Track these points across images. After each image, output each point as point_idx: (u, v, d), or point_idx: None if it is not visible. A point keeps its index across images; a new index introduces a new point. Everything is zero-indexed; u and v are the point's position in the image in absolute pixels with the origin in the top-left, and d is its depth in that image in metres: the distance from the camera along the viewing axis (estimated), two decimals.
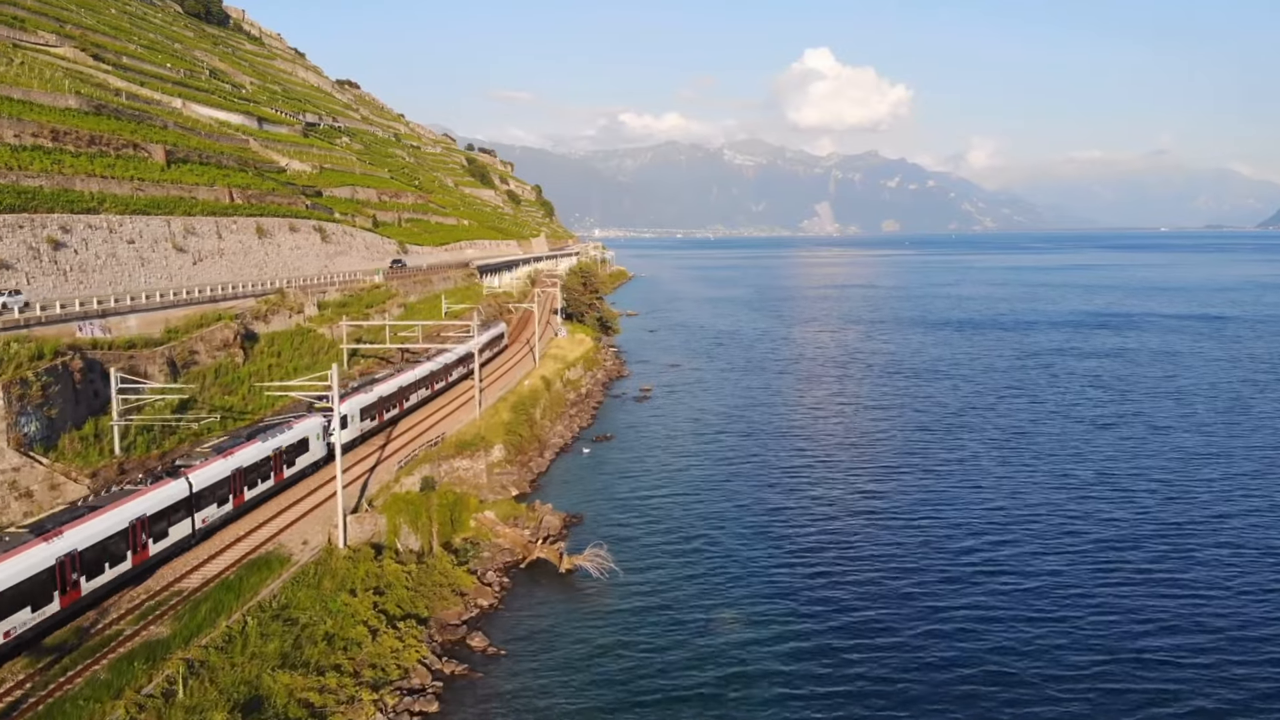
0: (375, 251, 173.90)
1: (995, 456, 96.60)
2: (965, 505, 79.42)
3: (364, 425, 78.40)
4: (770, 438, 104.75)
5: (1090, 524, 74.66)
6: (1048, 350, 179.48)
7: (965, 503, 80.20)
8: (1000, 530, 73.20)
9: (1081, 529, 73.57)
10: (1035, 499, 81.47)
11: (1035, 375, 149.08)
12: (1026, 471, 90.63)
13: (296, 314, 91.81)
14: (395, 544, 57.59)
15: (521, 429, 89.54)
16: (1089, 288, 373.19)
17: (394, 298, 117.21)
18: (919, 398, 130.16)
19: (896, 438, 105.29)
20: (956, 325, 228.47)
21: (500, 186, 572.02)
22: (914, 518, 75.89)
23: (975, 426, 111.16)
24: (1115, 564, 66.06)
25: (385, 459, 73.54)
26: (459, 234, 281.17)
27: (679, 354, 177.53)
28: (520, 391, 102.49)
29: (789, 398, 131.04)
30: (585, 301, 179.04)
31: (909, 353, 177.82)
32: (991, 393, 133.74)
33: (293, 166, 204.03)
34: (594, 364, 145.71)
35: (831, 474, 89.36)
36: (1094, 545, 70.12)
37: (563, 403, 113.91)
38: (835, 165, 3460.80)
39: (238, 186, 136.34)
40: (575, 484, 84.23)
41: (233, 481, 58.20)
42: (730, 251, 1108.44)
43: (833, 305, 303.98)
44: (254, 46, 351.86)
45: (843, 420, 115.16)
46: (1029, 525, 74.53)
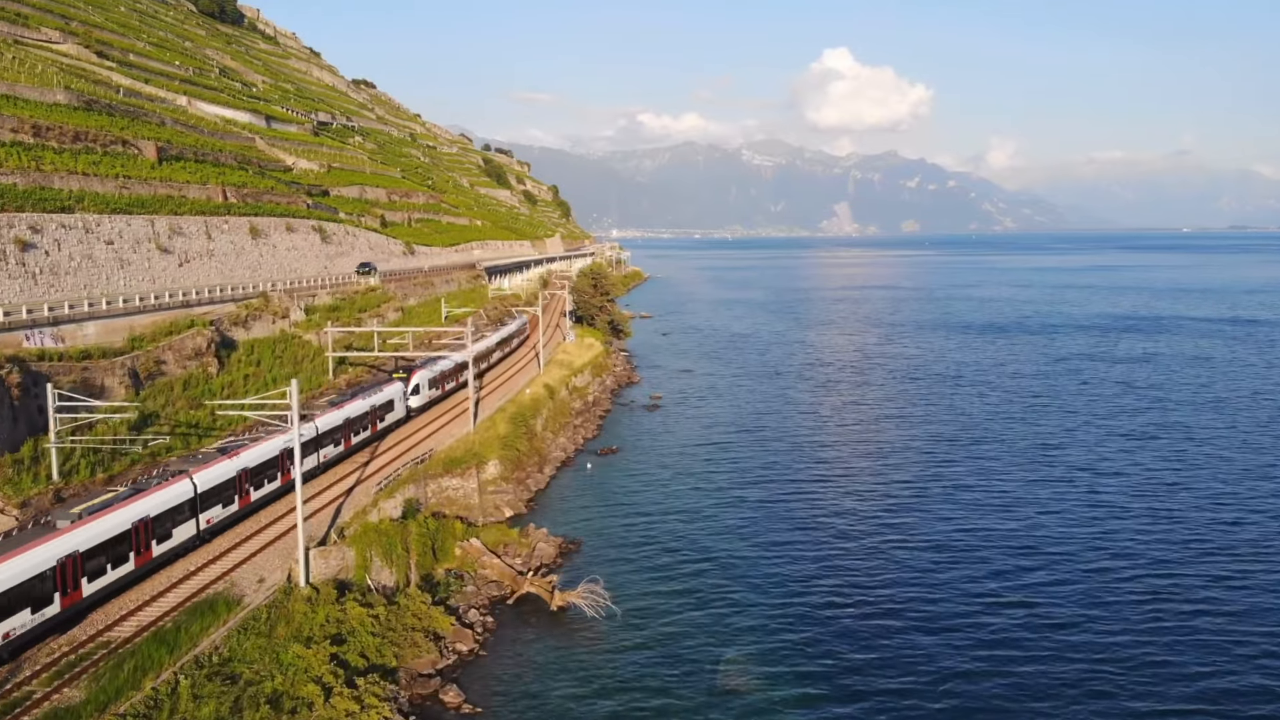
0: (380, 252, 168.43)
1: (1026, 473, 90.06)
2: (997, 530, 72.96)
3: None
4: (785, 452, 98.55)
5: (1131, 547, 68.22)
6: (1076, 355, 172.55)
7: (997, 527, 73.74)
8: (1033, 557, 66.82)
9: (1122, 553, 67.17)
10: (1071, 522, 74.97)
11: (1064, 382, 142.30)
12: (1061, 490, 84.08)
13: (281, 319, 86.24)
14: (365, 580, 51.63)
15: (520, 443, 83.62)
16: (1114, 289, 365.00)
17: (390, 301, 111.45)
18: (943, 406, 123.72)
19: (920, 452, 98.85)
20: (980, 329, 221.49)
21: (516, 187, 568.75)
22: (941, 544, 69.50)
23: (1004, 439, 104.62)
24: (1159, 593, 59.69)
25: (366, 479, 67.65)
26: (470, 234, 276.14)
27: (692, 358, 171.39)
28: (521, 401, 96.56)
29: (805, 406, 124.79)
30: (595, 304, 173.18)
31: (931, 358, 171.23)
32: (1019, 402, 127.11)
33: (300, 165, 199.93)
34: (603, 369, 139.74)
35: (851, 493, 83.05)
36: (1135, 570, 63.87)
37: (567, 412, 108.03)
38: (854, 165, 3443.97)
39: (233, 185, 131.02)
40: (575, 504, 78.22)
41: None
42: (748, 252, 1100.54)
43: (851, 307, 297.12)
44: (268, 46, 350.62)
45: (862, 432, 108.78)
46: (1065, 551, 68.09)
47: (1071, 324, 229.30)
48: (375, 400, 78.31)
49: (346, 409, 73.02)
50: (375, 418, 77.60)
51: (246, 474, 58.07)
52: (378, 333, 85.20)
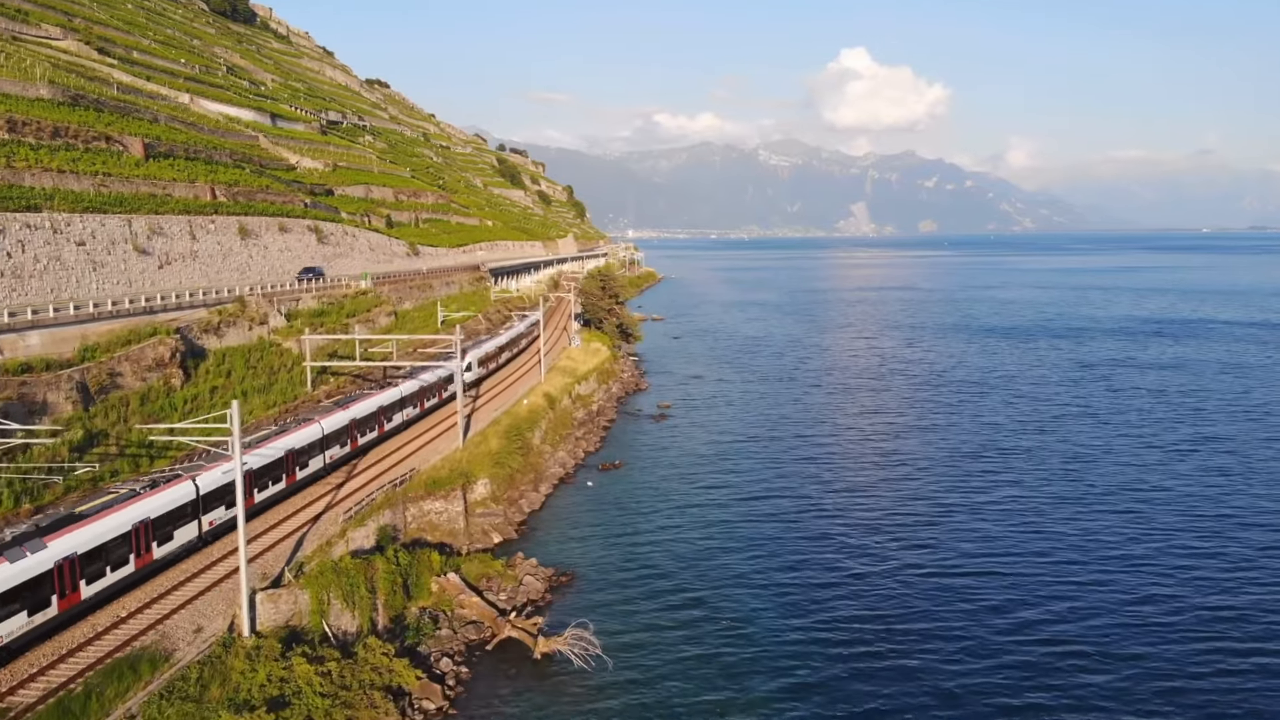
0: (381, 253, 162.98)
1: (1058, 491, 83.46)
2: (1032, 560, 66.39)
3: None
4: (799, 469, 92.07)
5: (1178, 573, 61.73)
6: (1104, 361, 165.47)
7: (1031, 556, 67.18)
8: (1072, 591, 60.39)
9: (1167, 580, 60.69)
10: (1110, 546, 68.45)
11: (1094, 391, 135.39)
12: (1097, 514, 77.39)
13: (258, 325, 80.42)
14: (321, 626, 45.66)
15: (513, 459, 77.56)
16: (1138, 291, 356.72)
17: (382, 305, 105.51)
18: (967, 416, 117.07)
19: (944, 468, 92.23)
20: (1003, 332, 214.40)
21: (531, 187, 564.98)
22: (971, 580, 62.93)
23: (1033, 454, 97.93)
24: (1212, 625, 53.27)
25: (338, 503, 61.62)
26: (480, 235, 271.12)
27: (703, 363, 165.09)
28: (517, 413, 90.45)
29: (821, 417, 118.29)
30: (604, 307, 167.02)
31: (953, 363, 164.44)
32: (1047, 412, 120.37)
33: (304, 164, 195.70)
34: (609, 376, 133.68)
35: (870, 517, 76.55)
36: (1181, 599, 57.52)
37: (569, 422, 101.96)
38: (871, 165, 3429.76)
39: (224, 184, 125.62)
40: (570, 528, 71.98)
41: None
42: (764, 252, 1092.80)
43: (869, 309, 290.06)
44: (280, 45, 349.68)
45: (882, 445, 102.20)
46: (1103, 579, 61.71)
47: (1097, 327, 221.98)
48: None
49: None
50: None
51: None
52: (359, 340, 79.18)
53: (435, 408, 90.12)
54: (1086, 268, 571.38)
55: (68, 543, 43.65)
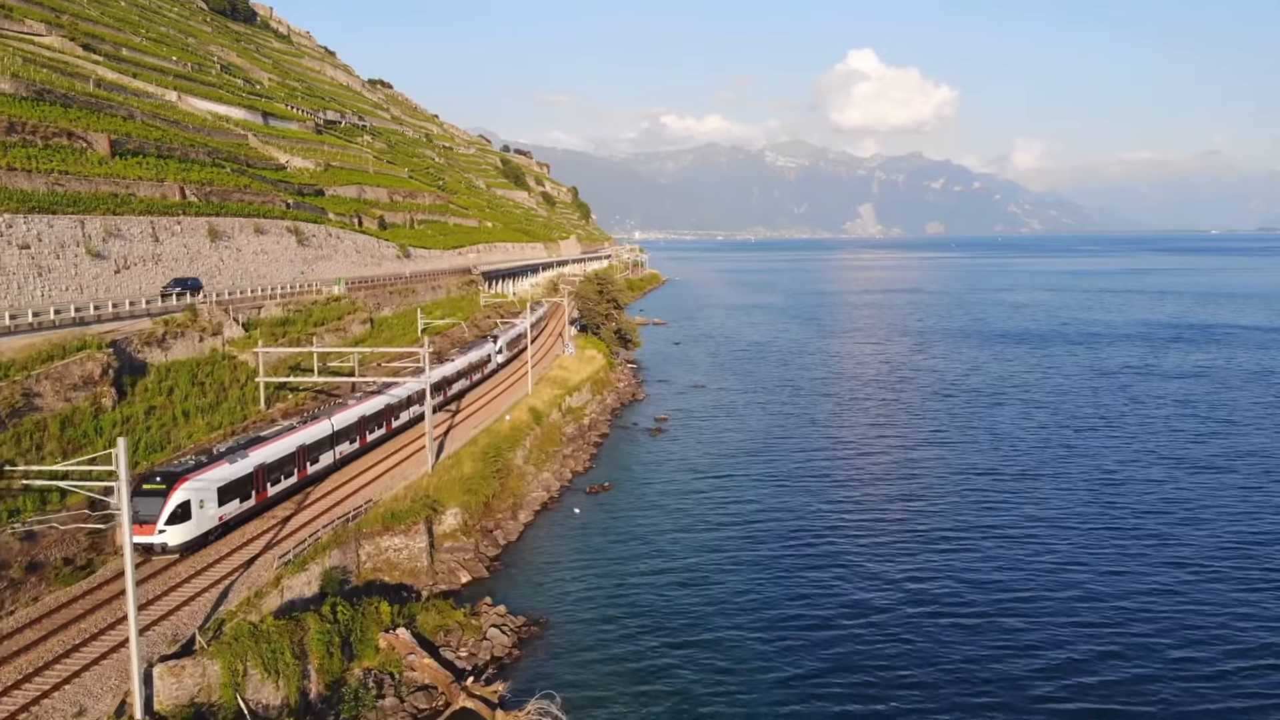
0: (368, 255, 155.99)
1: (1083, 516, 76.04)
2: (1056, 597, 59.13)
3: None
4: (802, 491, 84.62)
5: (1219, 610, 54.44)
6: (1123, 369, 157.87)
7: (1056, 592, 59.92)
8: (1103, 628, 53.23)
9: (1209, 624, 53.38)
10: (1142, 580, 61.16)
11: (1115, 402, 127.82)
12: (1126, 540, 70.08)
13: (211, 336, 73.39)
14: (236, 702, 38.53)
15: (488, 484, 70.43)
16: (1153, 294, 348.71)
17: (356, 313, 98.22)
18: (982, 430, 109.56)
19: (960, 489, 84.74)
20: (1016, 337, 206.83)
21: (535, 188, 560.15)
22: (991, 618, 55.71)
23: (1054, 472, 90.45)
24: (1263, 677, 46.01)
25: (279, 541, 54.23)
26: (478, 236, 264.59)
27: (704, 371, 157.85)
28: (497, 431, 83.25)
29: (826, 430, 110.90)
30: (600, 312, 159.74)
31: (965, 371, 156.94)
32: (1067, 425, 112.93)
33: (294, 164, 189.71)
34: (604, 386, 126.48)
35: (881, 550, 69.07)
36: (1229, 648, 50.18)
37: (557, 439, 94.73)
38: (878, 166, 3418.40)
39: (195, 182, 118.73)
40: (549, 564, 64.59)
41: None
42: (770, 254, 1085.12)
43: (876, 313, 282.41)
44: (281, 44, 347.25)
45: (892, 464, 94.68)
46: (1135, 619, 54.44)
47: (1113, 332, 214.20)
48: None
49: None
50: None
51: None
52: (317, 353, 72.02)
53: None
54: (1097, 270, 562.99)
55: (259, 455, 59.16)
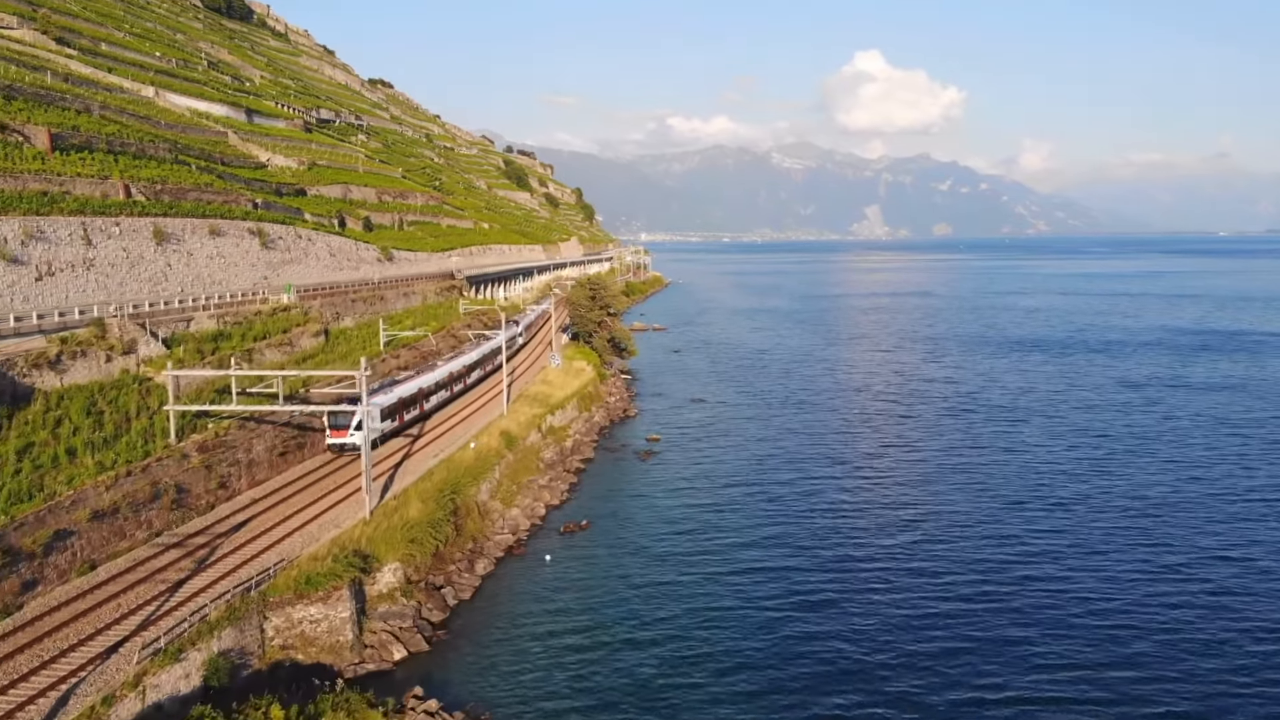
0: (345, 259, 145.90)
1: (1123, 559, 65.58)
2: (1093, 658, 48.87)
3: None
4: (809, 530, 74.07)
5: None
6: (1150, 380, 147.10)
7: (1093, 649, 49.66)
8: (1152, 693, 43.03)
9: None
10: (1197, 635, 50.83)
11: (1147, 420, 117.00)
12: (1175, 586, 59.71)
13: (122, 355, 63.43)
14: None
15: (438, 531, 60.18)
16: (1171, 297, 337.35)
17: (308, 324, 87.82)
18: (1005, 453, 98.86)
19: (986, 530, 74.21)
20: (1032, 345, 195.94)
21: (538, 189, 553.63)
22: (1020, 678, 45.50)
23: (1091, 506, 79.76)
24: None
25: (160, 618, 43.79)
26: (472, 238, 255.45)
27: (703, 383, 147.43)
28: (458, 461, 72.95)
29: (832, 452, 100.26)
30: (593, 319, 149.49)
31: (981, 383, 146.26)
32: (1098, 447, 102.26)
33: (276, 162, 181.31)
34: (592, 401, 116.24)
35: (898, 608, 58.67)
36: None
37: (533, 466, 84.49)
38: (885, 168, 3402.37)
39: (144, 180, 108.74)
40: (505, 632, 53.93)
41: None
42: (776, 256, 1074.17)
43: (884, 318, 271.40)
44: (278, 43, 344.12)
45: (908, 498, 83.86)
46: (1188, 683, 44.25)
47: (1134, 339, 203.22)
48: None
49: None
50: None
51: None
52: (234, 376, 61.70)
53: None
54: (1109, 272, 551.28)
55: (398, 391, 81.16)
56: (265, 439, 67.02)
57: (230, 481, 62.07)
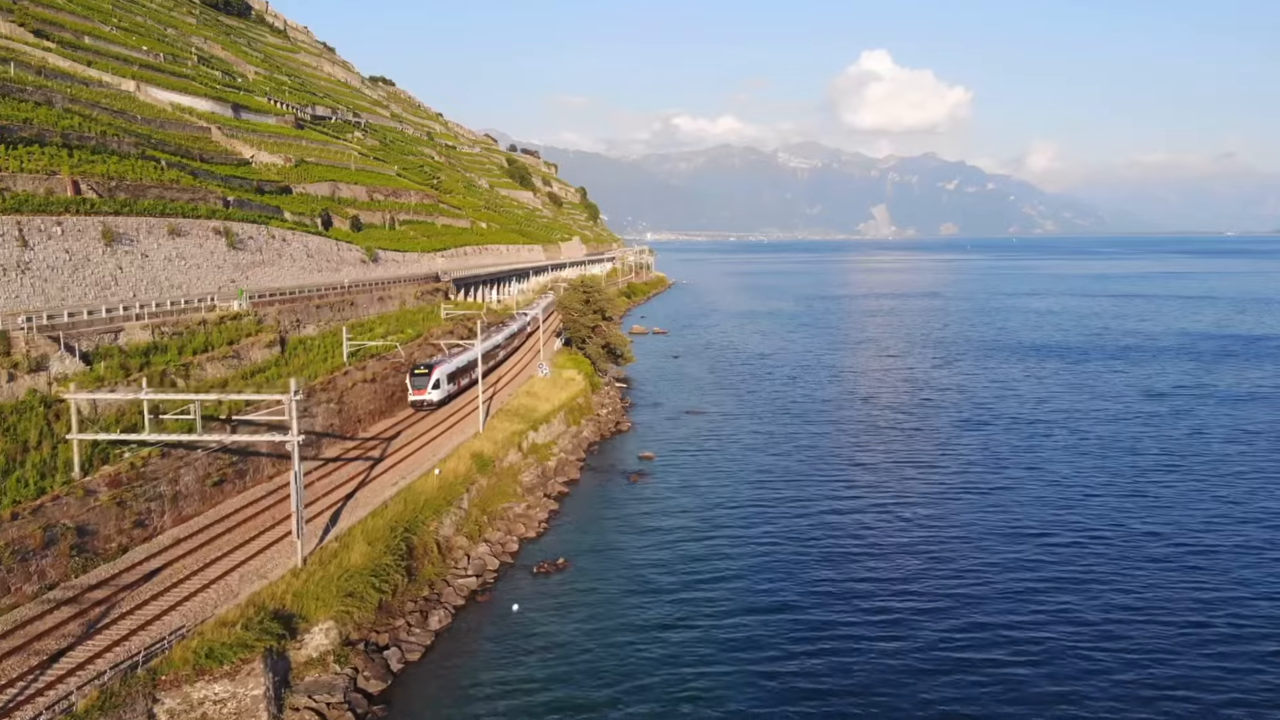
0: (324, 260, 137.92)
1: (1166, 600, 57.31)
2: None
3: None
4: (811, 563, 65.78)
5: None
6: (1176, 390, 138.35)
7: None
8: None
9: None
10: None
11: (1177, 434, 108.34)
12: (1229, 643, 51.48)
13: (29, 373, 55.39)
14: None
15: (384, 579, 51.96)
16: (1185, 299, 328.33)
17: (260, 334, 79.46)
18: (1027, 474, 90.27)
19: (1010, 564, 65.87)
20: (1048, 350, 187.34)
21: (541, 188, 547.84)
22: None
23: (1124, 536, 71.45)
24: None
25: (8, 712, 35.60)
26: (468, 238, 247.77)
27: (703, 392, 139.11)
28: (419, 491, 64.65)
29: (839, 471, 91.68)
30: (586, 324, 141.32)
31: (997, 392, 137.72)
32: (1130, 465, 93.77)
33: (261, 159, 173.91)
34: (582, 414, 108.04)
35: (910, 657, 50.64)
36: None
37: (509, 491, 76.30)
38: (892, 168, 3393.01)
39: (97, 175, 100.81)
40: (459, 704, 45.60)
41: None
42: (782, 255, 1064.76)
43: (892, 321, 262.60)
44: (276, 39, 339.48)
45: (922, 524, 75.41)
46: None
47: (1153, 345, 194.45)
48: None
49: None
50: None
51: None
52: (146, 399, 53.43)
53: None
54: (1120, 273, 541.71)
55: (459, 359, 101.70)
56: (196, 467, 58.89)
57: (150, 519, 53.92)
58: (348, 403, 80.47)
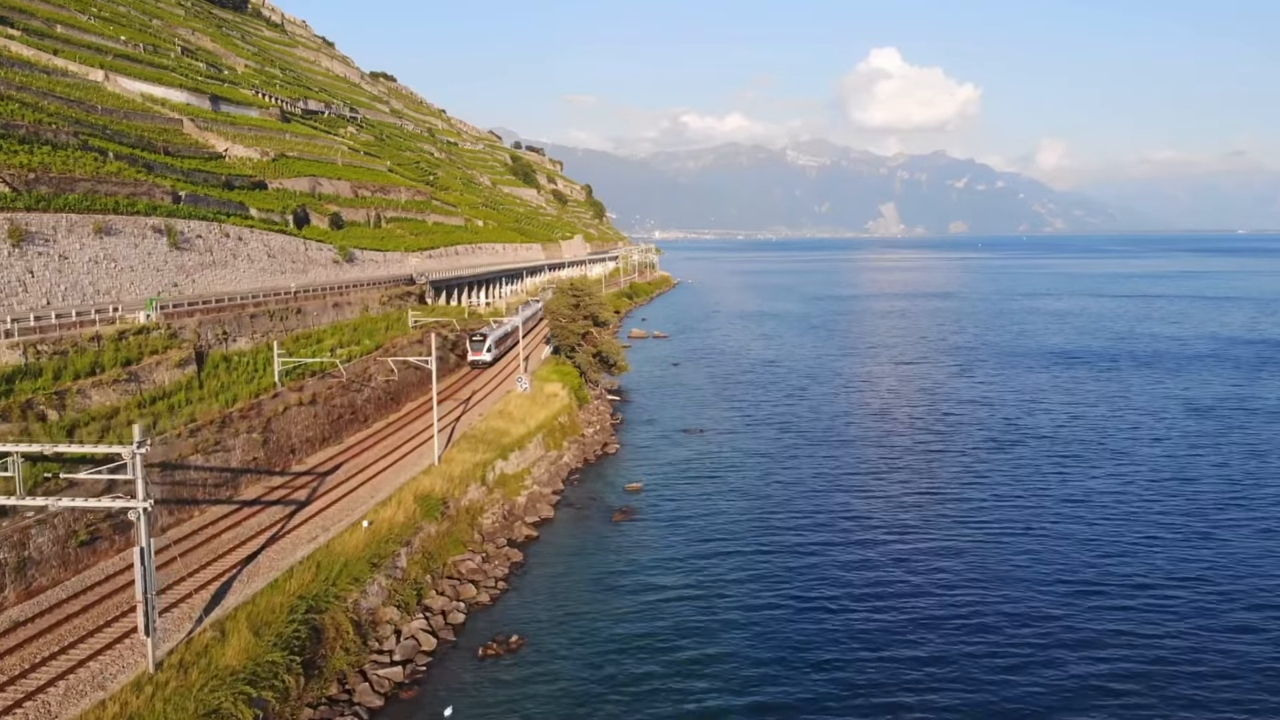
0: (287, 261, 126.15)
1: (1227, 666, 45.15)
2: None
3: None
4: (819, 643, 53.81)
5: None
6: (1221, 404, 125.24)
7: None
8: None
9: None
10: None
11: (1233, 458, 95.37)
12: None
13: None
14: None
15: (267, 685, 39.86)
16: (1211, 300, 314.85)
17: (170, 350, 67.25)
18: (1066, 505, 77.81)
19: (1055, 623, 53.77)
20: (1073, 356, 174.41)
21: (546, 186, 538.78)
22: None
23: (1202, 588, 59.44)
24: None
25: None
26: (462, 236, 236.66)
27: (702, 406, 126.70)
28: (339, 551, 52.28)
29: (851, 505, 79.09)
30: (575, 331, 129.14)
31: (1023, 405, 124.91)
32: (1187, 499, 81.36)
33: (235, 152, 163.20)
34: (565, 435, 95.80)
35: None
36: None
37: (464, 538, 64.05)
38: (901, 166, 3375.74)
39: (15, 167, 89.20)
40: None
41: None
42: (790, 254, 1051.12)
43: (905, 323, 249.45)
44: (273, 33, 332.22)
45: (948, 584, 63.29)
46: None
47: (1186, 351, 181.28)
48: None
49: None
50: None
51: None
52: None
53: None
54: (1137, 272, 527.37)
55: (502, 329, 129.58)
56: (58, 526, 46.95)
57: None
58: (277, 431, 68.27)
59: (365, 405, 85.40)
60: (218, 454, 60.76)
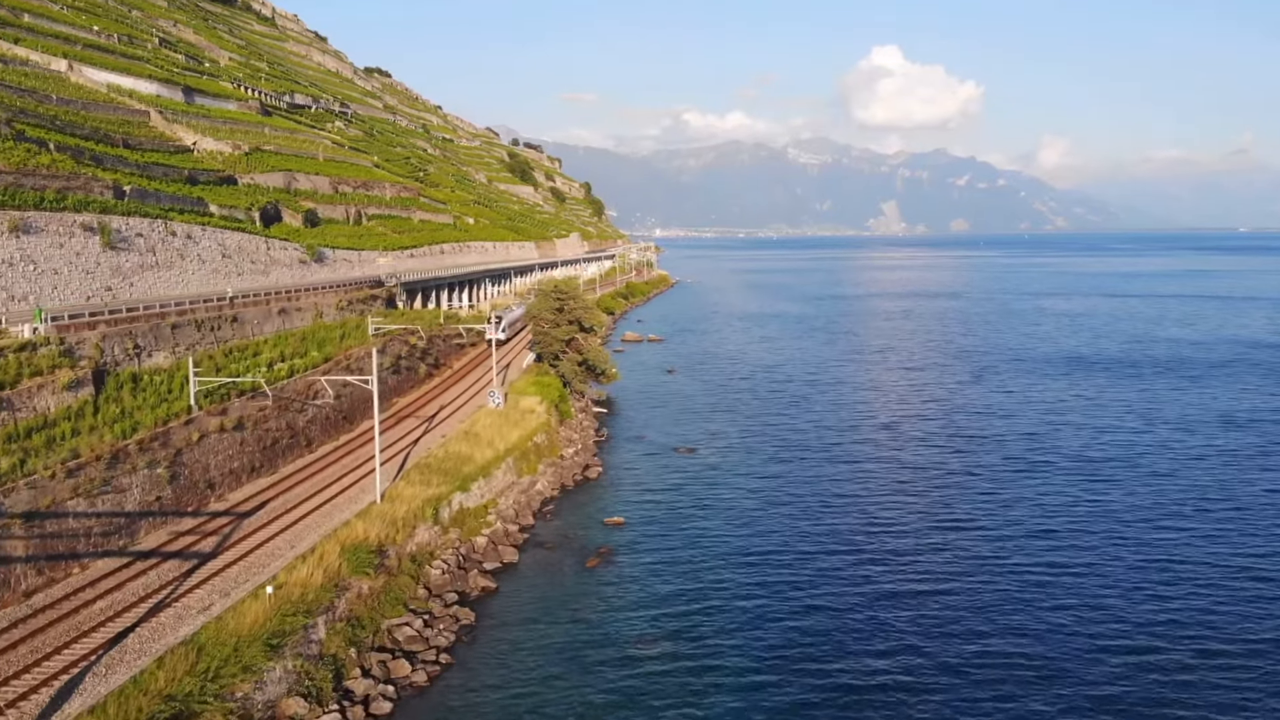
0: (245, 261, 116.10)
1: None
2: None
3: None
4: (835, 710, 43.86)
5: None
6: (1258, 415, 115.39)
7: None
8: None
9: None
10: None
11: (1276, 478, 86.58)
12: None
13: None
14: None
15: None
16: (1226, 300, 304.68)
17: (58, 371, 56.63)
18: (1103, 541, 67.88)
19: (1088, 675, 43.76)
20: (1090, 361, 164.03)
21: (543, 183, 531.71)
22: None
23: (1240, 638, 49.45)
24: None
25: None
26: (449, 234, 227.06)
27: (696, 419, 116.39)
28: (225, 633, 42.13)
29: (856, 541, 68.88)
30: (559, 337, 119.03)
31: (1042, 419, 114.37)
32: (1237, 529, 71.55)
33: (204, 145, 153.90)
34: (540, 457, 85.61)
35: None
36: None
37: (405, 594, 54.02)
38: (903, 164, 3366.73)
39: None
40: None
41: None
42: (791, 252, 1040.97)
43: (909, 325, 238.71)
44: (263, 26, 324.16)
45: (956, 615, 53.42)
46: None
47: (1209, 356, 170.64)
48: None
49: None
50: None
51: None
52: None
53: None
54: (1144, 271, 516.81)
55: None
56: None
57: None
58: (189, 464, 58.08)
59: (309, 427, 75.06)
60: (107, 496, 50.68)
